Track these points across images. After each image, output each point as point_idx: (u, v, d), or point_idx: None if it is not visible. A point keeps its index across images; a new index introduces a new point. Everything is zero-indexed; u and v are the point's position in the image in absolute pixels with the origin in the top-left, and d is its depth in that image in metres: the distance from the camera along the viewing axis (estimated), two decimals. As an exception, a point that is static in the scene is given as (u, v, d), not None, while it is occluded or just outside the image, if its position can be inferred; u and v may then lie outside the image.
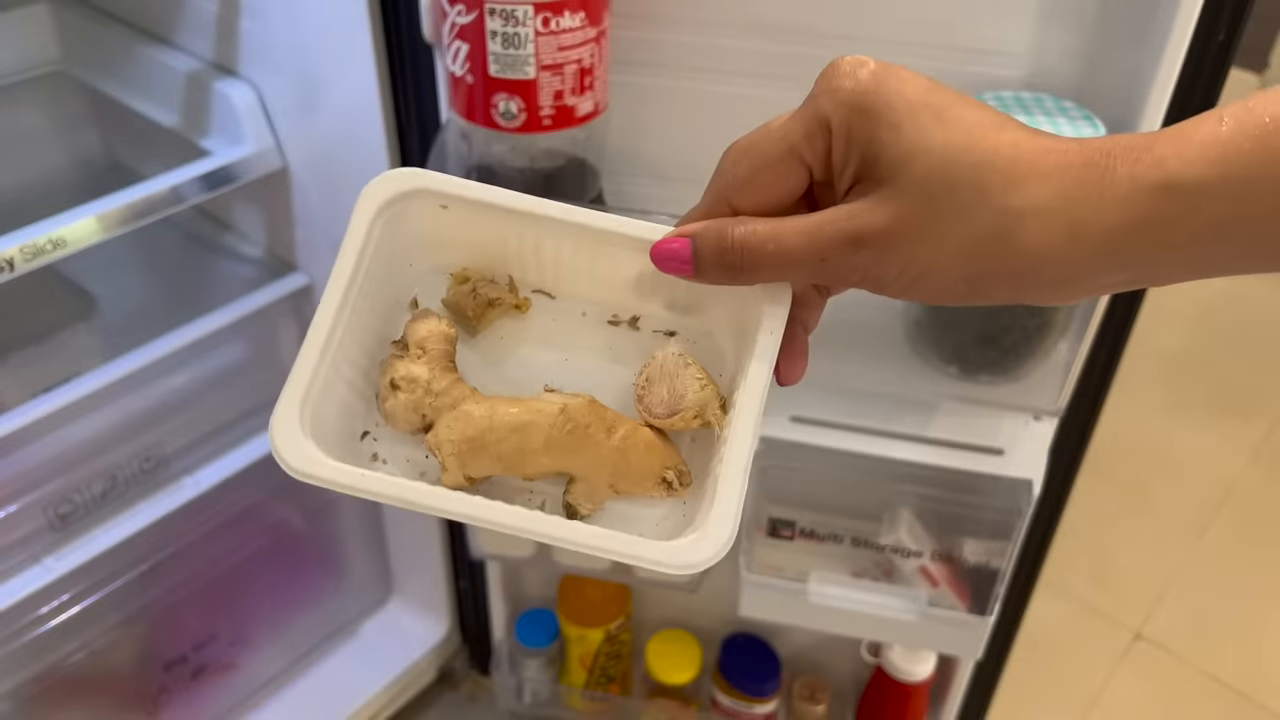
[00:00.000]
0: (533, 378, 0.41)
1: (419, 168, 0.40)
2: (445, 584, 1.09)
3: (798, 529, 0.82)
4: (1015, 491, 0.74)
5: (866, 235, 0.33)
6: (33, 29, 0.96)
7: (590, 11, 0.61)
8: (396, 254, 0.41)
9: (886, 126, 0.33)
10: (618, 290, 0.41)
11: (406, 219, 0.40)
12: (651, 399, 0.39)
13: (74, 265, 0.97)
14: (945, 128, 0.32)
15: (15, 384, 0.89)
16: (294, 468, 0.37)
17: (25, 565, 0.81)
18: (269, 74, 0.82)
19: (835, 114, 0.34)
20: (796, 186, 0.36)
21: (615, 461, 0.38)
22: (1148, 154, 0.31)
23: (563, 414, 0.38)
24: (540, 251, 0.41)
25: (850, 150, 0.34)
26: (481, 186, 0.40)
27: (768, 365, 0.38)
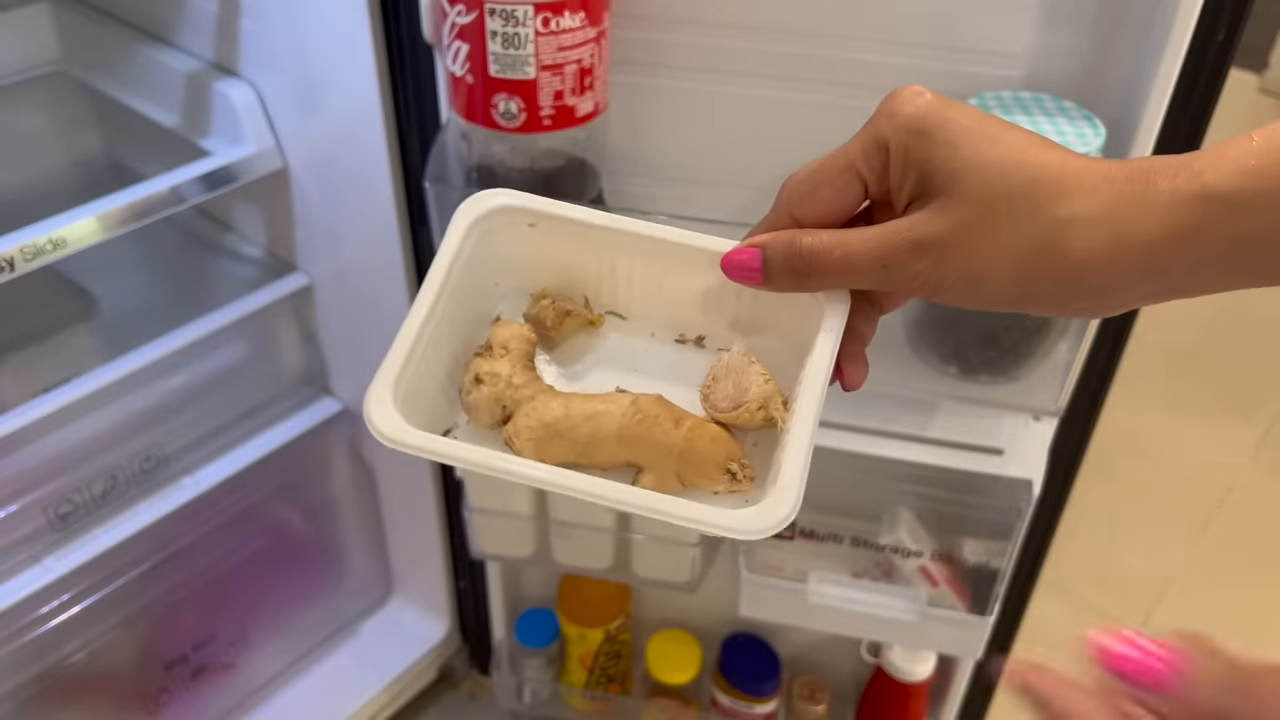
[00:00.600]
0: (604, 390, 0.44)
1: (508, 190, 0.44)
2: (445, 584, 1.09)
3: (797, 529, 0.82)
4: (1015, 491, 0.74)
5: (927, 242, 0.35)
6: (33, 29, 0.96)
7: (590, 12, 0.61)
8: (484, 271, 0.44)
9: (943, 145, 0.36)
10: (685, 307, 0.45)
11: (496, 236, 0.44)
12: (717, 394, 0.42)
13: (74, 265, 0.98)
14: (998, 146, 0.35)
15: (15, 384, 0.89)
16: (388, 436, 0.39)
17: (25, 565, 0.81)
18: (269, 74, 0.82)
19: (894, 136, 0.37)
20: (854, 201, 0.39)
21: (682, 451, 0.41)
22: (1186, 169, 0.33)
23: (634, 405, 0.41)
24: (615, 270, 0.45)
25: (908, 168, 0.37)
26: (568, 205, 0.44)
27: (827, 362, 0.40)
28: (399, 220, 0.82)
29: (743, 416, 0.42)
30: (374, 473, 1.04)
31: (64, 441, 0.80)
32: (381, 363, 0.40)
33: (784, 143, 0.71)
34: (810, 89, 0.68)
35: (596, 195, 0.71)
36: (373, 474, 1.04)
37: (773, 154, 0.72)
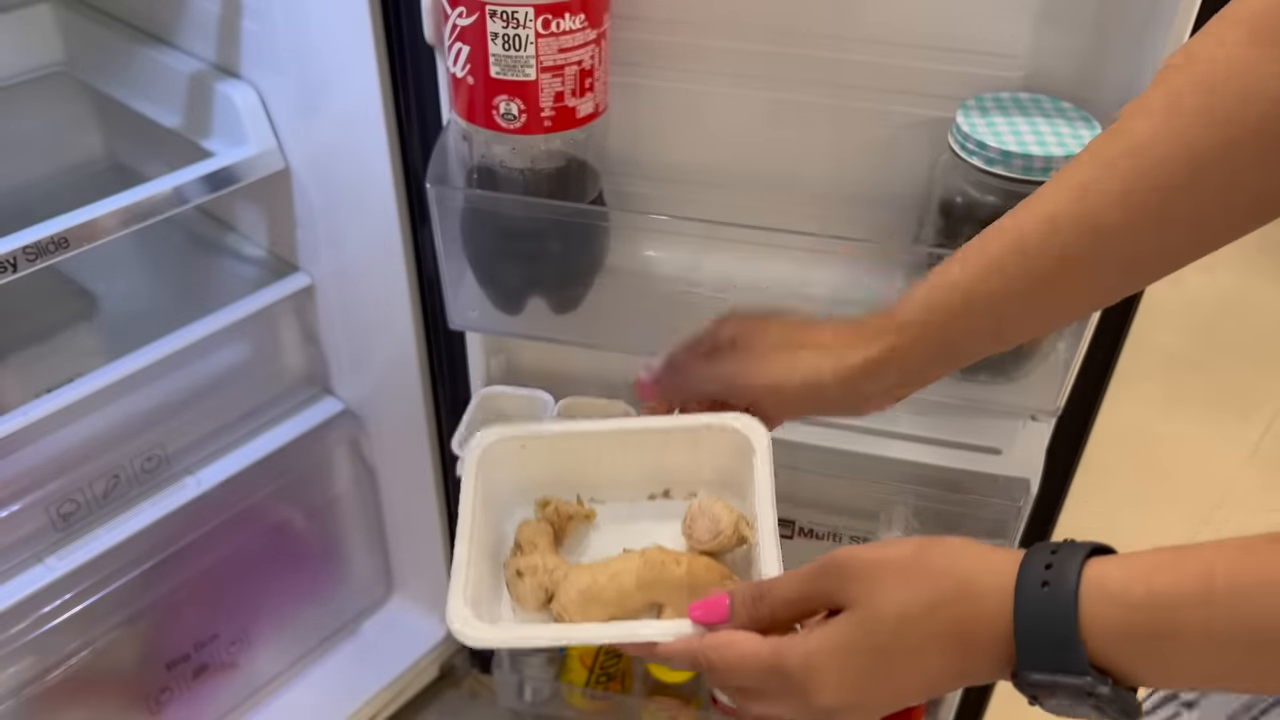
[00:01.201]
0: (607, 555, 0.56)
1: (499, 426, 0.60)
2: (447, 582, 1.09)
3: (796, 528, 0.82)
4: (1013, 490, 0.74)
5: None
6: (35, 30, 0.97)
7: (590, 14, 0.61)
8: (497, 490, 0.59)
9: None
10: (653, 474, 0.60)
11: (497, 461, 0.59)
12: (698, 531, 0.55)
13: (76, 265, 0.98)
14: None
15: (18, 384, 0.89)
16: (478, 639, 0.51)
17: (28, 564, 0.82)
18: (271, 75, 0.82)
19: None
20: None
21: (689, 584, 0.53)
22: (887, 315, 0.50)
23: (642, 558, 0.54)
24: (600, 460, 0.60)
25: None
26: (543, 423, 0.60)
27: (769, 483, 0.54)
28: (400, 221, 0.82)
29: (722, 543, 0.55)
30: (375, 472, 1.05)
31: (66, 441, 0.80)
32: (450, 586, 0.53)
33: (783, 144, 0.71)
34: (810, 90, 0.68)
35: (597, 196, 0.71)
36: (374, 473, 1.05)
37: (772, 155, 0.72)
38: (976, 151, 0.60)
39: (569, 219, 0.69)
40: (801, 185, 0.72)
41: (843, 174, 0.71)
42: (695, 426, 0.58)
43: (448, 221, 0.70)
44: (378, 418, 1.00)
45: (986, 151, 0.60)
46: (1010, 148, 0.59)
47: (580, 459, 0.60)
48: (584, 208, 0.69)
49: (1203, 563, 0.36)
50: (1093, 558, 0.37)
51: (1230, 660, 0.35)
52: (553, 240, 0.70)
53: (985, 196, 0.61)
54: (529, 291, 0.74)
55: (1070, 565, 0.37)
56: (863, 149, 0.70)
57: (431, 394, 0.94)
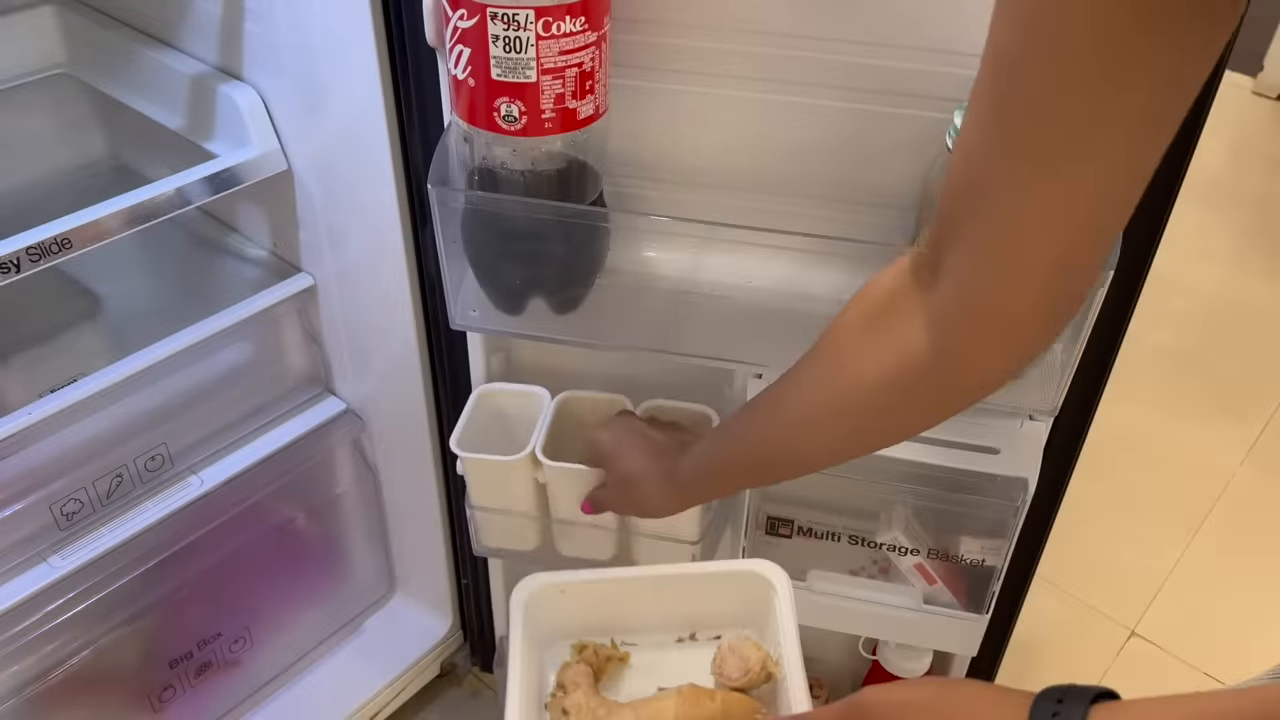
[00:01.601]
0: (641, 694, 0.61)
1: (541, 573, 0.68)
2: (448, 581, 1.09)
3: (795, 527, 0.83)
4: (1011, 490, 0.75)
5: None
6: (38, 31, 0.97)
7: (591, 16, 0.62)
8: (538, 639, 0.65)
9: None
10: (681, 617, 0.66)
11: (538, 606, 0.64)
12: (729, 668, 0.60)
13: (79, 266, 0.98)
14: None
15: (21, 383, 0.90)
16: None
17: (31, 563, 0.82)
18: (273, 77, 0.83)
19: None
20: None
21: (723, 718, 0.58)
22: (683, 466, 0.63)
23: (679, 695, 0.59)
24: (632, 604, 0.65)
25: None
26: (584, 571, 0.66)
27: (793, 627, 0.62)
28: (402, 222, 0.83)
29: (751, 680, 0.60)
30: (377, 471, 1.05)
31: (69, 441, 0.81)
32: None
33: (783, 145, 0.72)
34: (809, 92, 0.69)
35: (597, 197, 0.71)
36: (375, 473, 1.05)
37: (771, 156, 0.72)
38: (974, 153, 0.60)
39: (570, 220, 0.69)
40: (800, 186, 0.73)
41: (841, 175, 0.72)
42: (721, 573, 0.67)
43: (449, 222, 0.70)
44: (379, 417, 1.00)
45: (984, 153, 0.60)
46: (1007, 150, 0.59)
47: (615, 602, 0.66)
48: (584, 209, 0.70)
49: (1201, 714, 0.39)
50: (1096, 705, 0.40)
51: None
52: (553, 241, 0.70)
53: (983, 198, 0.62)
54: (530, 292, 0.74)
55: (1075, 713, 0.40)
56: (861, 150, 0.70)
57: (433, 393, 0.95)
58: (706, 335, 0.75)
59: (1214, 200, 2.10)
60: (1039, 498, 0.76)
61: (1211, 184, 2.15)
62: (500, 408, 0.85)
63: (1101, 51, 0.32)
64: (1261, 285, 1.91)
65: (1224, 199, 2.12)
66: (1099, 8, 0.32)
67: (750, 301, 0.74)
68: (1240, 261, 1.96)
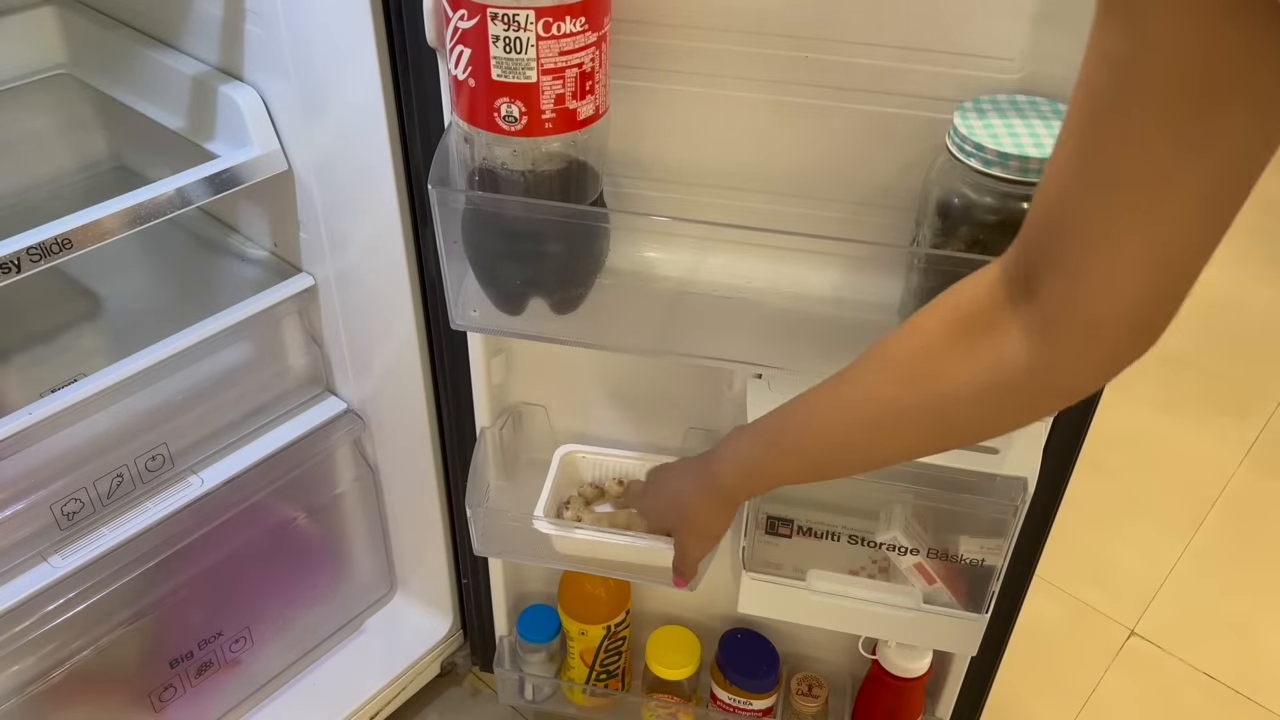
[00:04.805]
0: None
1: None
2: (448, 580, 1.09)
3: (795, 526, 0.83)
4: (1010, 489, 0.75)
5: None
6: (39, 32, 0.97)
7: (591, 17, 0.62)
8: (562, 483, 0.89)
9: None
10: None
11: (568, 465, 0.91)
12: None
13: (80, 266, 0.98)
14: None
15: (22, 384, 0.90)
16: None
17: (32, 563, 0.82)
18: (273, 78, 0.83)
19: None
20: None
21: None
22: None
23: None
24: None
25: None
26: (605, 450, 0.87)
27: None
28: (402, 222, 0.83)
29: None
30: (377, 471, 1.05)
31: (70, 441, 0.81)
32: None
33: (783, 146, 0.72)
34: (809, 93, 0.69)
35: (597, 197, 0.71)
36: (376, 472, 1.05)
37: (772, 157, 0.73)
38: (974, 153, 0.61)
39: (570, 220, 0.69)
40: (800, 187, 0.73)
41: (841, 175, 0.72)
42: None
43: (449, 223, 0.70)
44: (380, 417, 1.00)
45: (984, 153, 0.60)
46: (1007, 149, 0.59)
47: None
48: (585, 209, 0.70)
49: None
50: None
51: None
52: (554, 241, 0.70)
53: (982, 198, 0.62)
54: (530, 292, 0.74)
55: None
56: (861, 151, 0.70)
57: (433, 393, 0.95)
58: (706, 335, 0.75)
59: (1213, 200, 2.09)
60: (1038, 497, 0.76)
61: (1211, 184, 2.15)
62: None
63: (1188, 93, 0.35)
64: (1261, 285, 1.91)
65: (1223, 199, 2.12)
66: (1182, 60, 0.34)
67: (750, 301, 0.74)
68: (1240, 262, 1.96)
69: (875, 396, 0.52)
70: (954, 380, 0.48)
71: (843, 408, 0.54)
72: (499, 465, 0.93)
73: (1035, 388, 0.46)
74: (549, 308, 0.75)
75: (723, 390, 0.85)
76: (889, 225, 0.72)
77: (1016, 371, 0.45)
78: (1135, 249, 0.39)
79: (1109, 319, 0.41)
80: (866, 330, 0.72)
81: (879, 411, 0.52)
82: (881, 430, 0.52)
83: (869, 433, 0.53)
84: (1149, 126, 0.36)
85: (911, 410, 0.50)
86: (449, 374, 0.91)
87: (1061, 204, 0.41)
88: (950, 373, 0.48)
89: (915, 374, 0.49)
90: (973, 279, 0.48)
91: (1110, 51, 0.37)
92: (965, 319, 0.47)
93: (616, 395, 0.91)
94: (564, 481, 0.90)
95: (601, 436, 0.93)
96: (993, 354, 0.46)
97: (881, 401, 0.51)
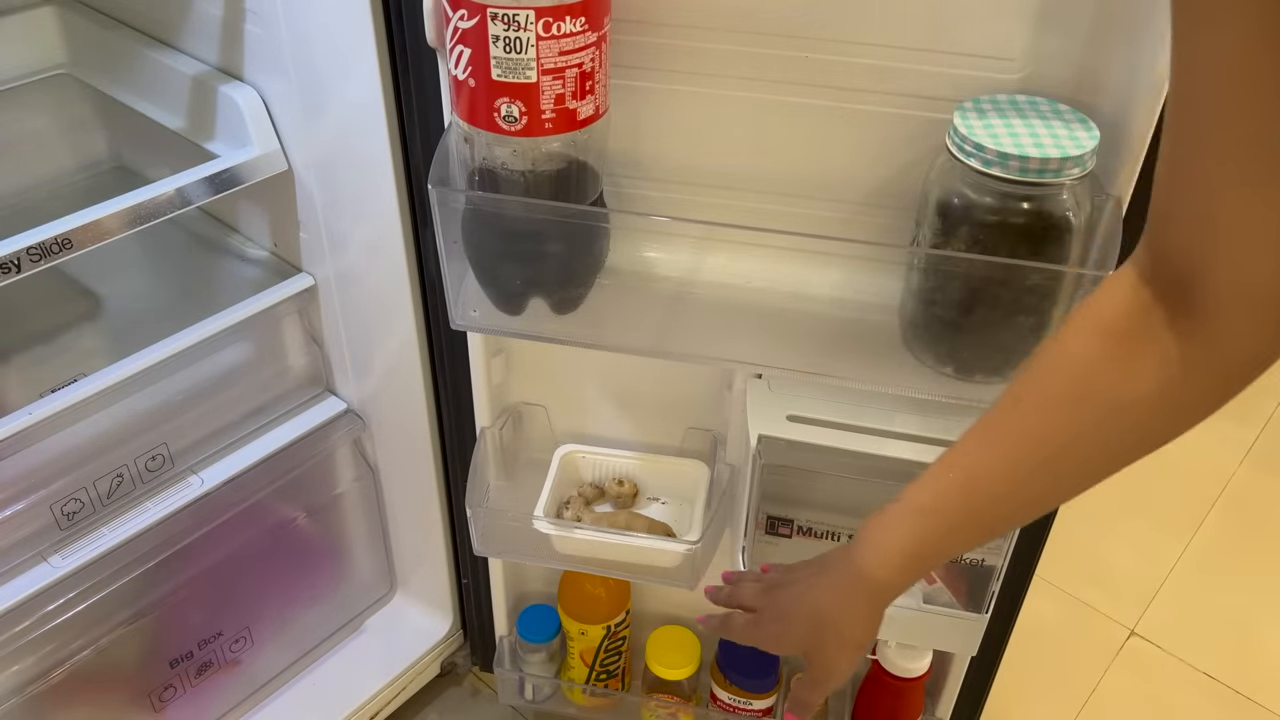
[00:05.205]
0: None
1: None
2: (448, 580, 1.09)
3: (795, 526, 0.83)
4: (1010, 489, 0.75)
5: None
6: (39, 32, 0.97)
7: (591, 17, 0.62)
8: (562, 483, 0.91)
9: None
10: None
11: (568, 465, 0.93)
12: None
13: (80, 266, 0.98)
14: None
15: (22, 384, 0.90)
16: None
17: (32, 563, 0.82)
18: (273, 78, 0.83)
19: None
20: None
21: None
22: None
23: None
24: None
25: None
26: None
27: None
28: (402, 222, 0.83)
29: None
30: (377, 471, 1.05)
31: (70, 441, 0.81)
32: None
33: (783, 146, 0.72)
34: (809, 93, 0.69)
35: (597, 197, 0.71)
36: (376, 472, 1.05)
37: (772, 157, 0.73)
38: (974, 153, 0.61)
39: (570, 220, 0.69)
40: (800, 187, 0.73)
41: (841, 175, 0.72)
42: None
43: (449, 223, 0.70)
44: (380, 417, 1.00)
45: (984, 153, 0.60)
46: (1007, 150, 0.59)
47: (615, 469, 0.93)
48: (585, 209, 0.70)
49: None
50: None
51: None
52: (554, 241, 0.70)
53: (982, 198, 0.62)
54: (530, 292, 0.74)
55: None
56: (861, 151, 0.70)
57: (433, 393, 0.95)
58: (706, 335, 0.75)
59: (1213, 200, 2.10)
60: (1038, 497, 0.76)
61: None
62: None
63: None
64: (1261, 285, 1.91)
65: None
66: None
67: (750, 301, 0.74)
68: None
69: (1045, 438, 0.50)
70: (1128, 395, 0.47)
71: (1013, 462, 0.51)
72: (499, 465, 0.93)
73: (1217, 379, 0.46)
74: (549, 308, 0.75)
75: (723, 390, 0.85)
76: (889, 225, 0.72)
77: (1190, 367, 0.45)
78: (1266, 213, 0.39)
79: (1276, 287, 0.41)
80: (866, 330, 0.73)
81: (1053, 454, 0.50)
82: (1063, 472, 0.50)
83: (1051, 480, 0.51)
84: (1245, 98, 0.36)
85: (1088, 437, 0.49)
86: (449, 374, 0.91)
87: (1181, 191, 0.41)
88: (1121, 388, 0.47)
89: (1083, 402, 0.48)
90: (1108, 292, 0.47)
91: (1197, 31, 0.36)
92: (1115, 331, 0.46)
93: (616, 395, 0.91)
94: (564, 481, 0.90)
95: (601, 436, 0.93)
96: (1160, 356, 0.45)
97: (1053, 442, 0.49)
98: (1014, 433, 0.50)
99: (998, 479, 0.51)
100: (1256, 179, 0.39)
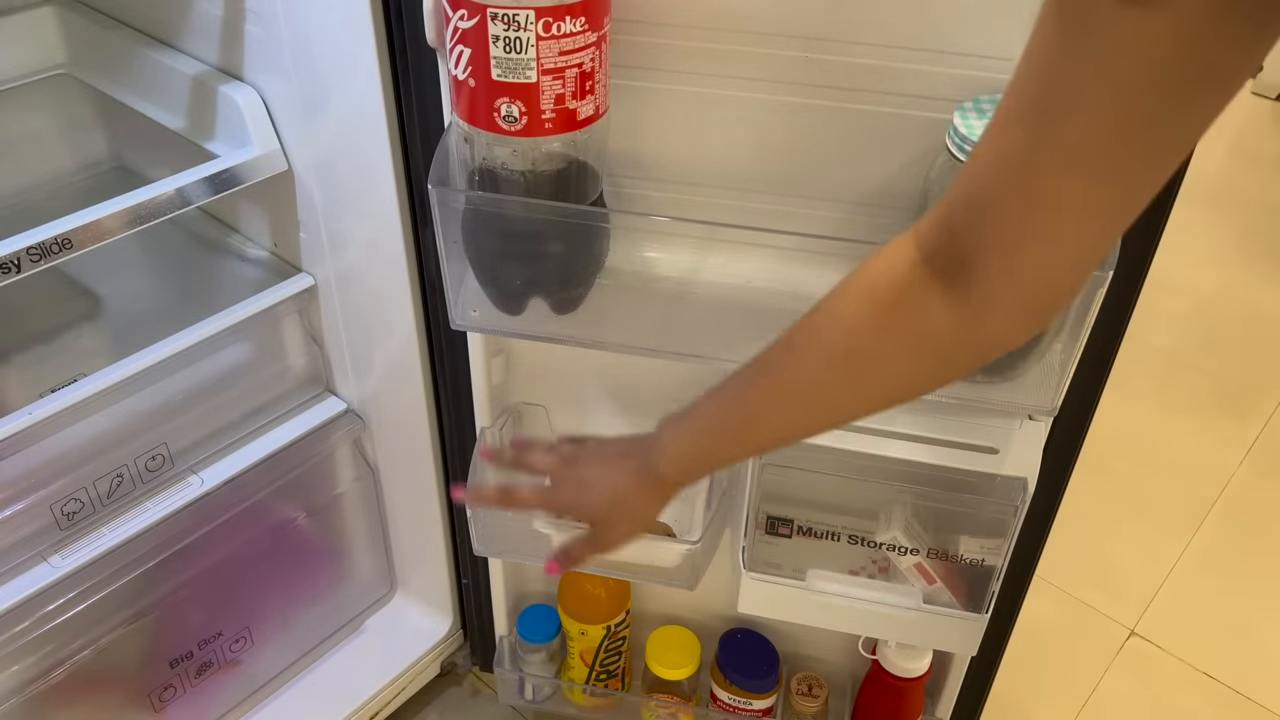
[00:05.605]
0: None
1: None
2: (448, 580, 1.09)
3: (795, 526, 0.83)
4: (1010, 490, 0.75)
5: None
6: (39, 32, 0.97)
7: (591, 17, 0.62)
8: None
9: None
10: None
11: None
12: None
13: (80, 266, 0.98)
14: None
15: (22, 384, 0.90)
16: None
17: (32, 563, 0.82)
18: (273, 78, 0.83)
19: None
20: None
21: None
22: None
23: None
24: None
25: None
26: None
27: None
28: (402, 222, 0.83)
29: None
30: (377, 471, 1.05)
31: (70, 441, 0.81)
32: None
33: (783, 146, 0.72)
34: (808, 93, 0.69)
35: (597, 197, 0.71)
36: (376, 472, 1.05)
37: (772, 157, 0.73)
38: (973, 154, 0.60)
39: (570, 220, 0.69)
40: (800, 187, 0.73)
41: (841, 175, 0.72)
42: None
43: (449, 223, 0.70)
44: (380, 417, 1.00)
45: (983, 154, 0.60)
46: (1007, 150, 0.59)
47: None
48: (585, 209, 0.70)
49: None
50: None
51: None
52: (554, 241, 0.70)
53: (982, 198, 0.62)
54: (530, 292, 0.74)
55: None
56: (861, 151, 0.70)
57: (433, 393, 0.95)
58: (706, 335, 0.75)
59: (1213, 201, 2.10)
60: (1038, 498, 0.76)
61: (1211, 184, 2.15)
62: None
63: (1160, 92, 0.37)
64: (1261, 285, 1.91)
65: (1223, 199, 2.13)
66: (1159, 57, 0.36)
67: (750, 301, 0.74)
68: (1240, 262, 1.96)
69: (810, 386, 0.54)
70: (887, 360, 0.50)
71: (782, 402, 0.56)
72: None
73: (971, 355, 0.49)
74: (549, 308, 0.75)
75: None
76: (889, 225, 0.72)
77: (948, 344, 0.48)
78: (1082, 229, 0.41)
79: (1052, 290, 0.44)
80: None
81: (816, 400, 0.55)
82: (823, 415, 0.56)
83: (811, 418, 0.56)
84: (1117, 127, 0.38)
85: (846, 390, 0.53)
86: (449, 374, 0.91)
87: (1006, 189, 0.43)
88: (882, 354, 0.50)
89: (846, 362, 0.52)
90: (884, 260, 0.50)
91: (1077, 48, 0.38)
92: (886, 299, 0.49)
93: (616, 395, 0.91)
94: None
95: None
96: (922, 328, 0.48)
97: (817, 391, 0.54)
98: (786, 376, 0.55)
99: (768, 410, 0.57)
100: (1049, 175, 0.41)
